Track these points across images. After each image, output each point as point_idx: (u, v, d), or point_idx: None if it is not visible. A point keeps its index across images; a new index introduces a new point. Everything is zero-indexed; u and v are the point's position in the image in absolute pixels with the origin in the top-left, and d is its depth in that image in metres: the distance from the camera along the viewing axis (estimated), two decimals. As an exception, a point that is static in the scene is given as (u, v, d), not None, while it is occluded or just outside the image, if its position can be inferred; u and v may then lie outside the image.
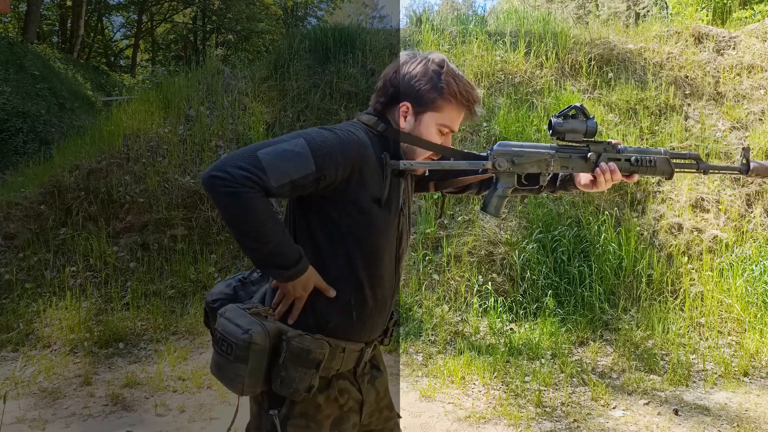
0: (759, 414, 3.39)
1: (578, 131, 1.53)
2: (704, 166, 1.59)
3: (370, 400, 1.54)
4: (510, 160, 1.51)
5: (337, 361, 1.42)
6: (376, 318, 1.48)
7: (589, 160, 1.54)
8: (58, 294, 4.78)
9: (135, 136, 6.12)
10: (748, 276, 4.61)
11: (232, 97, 6.74)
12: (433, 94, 1.45)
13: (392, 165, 1.38)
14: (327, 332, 1.40)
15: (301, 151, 1.30)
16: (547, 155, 1.53)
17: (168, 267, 5.15)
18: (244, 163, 1.27)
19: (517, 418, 3.26)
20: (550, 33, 7.17)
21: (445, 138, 1.50)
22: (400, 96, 1.47)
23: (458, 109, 1.47)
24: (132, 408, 3.41)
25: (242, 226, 1.30)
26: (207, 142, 6.08)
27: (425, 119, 1.46)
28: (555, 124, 1.52)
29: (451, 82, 1.45)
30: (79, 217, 5.46)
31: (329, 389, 1.43)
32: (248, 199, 1.26)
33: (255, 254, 1.35)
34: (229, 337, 1.33)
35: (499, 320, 4.44)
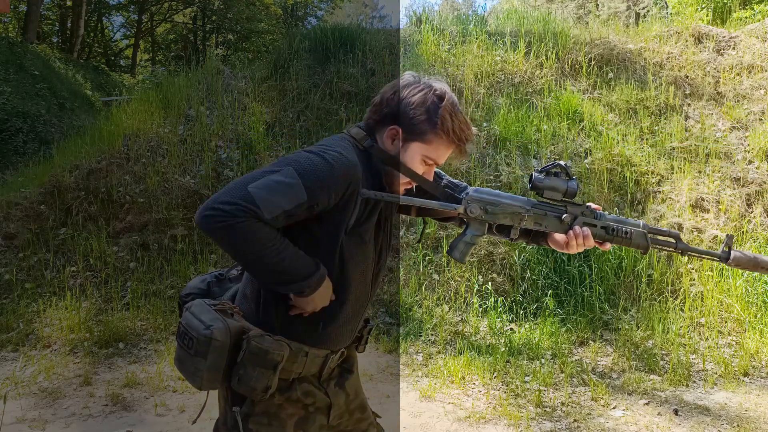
0: (759, 414, 3.39)
1: (558, 190, 1.50)
2: (683, 246, 1.54)
3: (338, 402, 1.54)
4: (483, 208, 1.48)
5: (298, 364, 1.42)
6: (343, 329, 1.48)
7: (564, 222, 1.51)
8: (58, 294, 4.78)
9: (135, 136, 6.12)
10: (748, 276, 4.61)
11: (232, 97, 6.74)
12: (426, 126, 1.42)
13: (363, 194, 1.35)
14: (290, 336, 1.40)
15: (292, 182, 1.28)
16: (521, 209, 1.50)
17: (168, 267, 5.15)
18: (235, 198, 1.25)
19: (517, 418, 3.26)
20: (550, 33, 7.17)
21: (428, 169, 1.47)
22: (393, 119, 1.44)
23: (448, 145, 1.45)
24: (132, 408, 3.41)
25: (247, 255, 1.29)
26: (207, 142, 6.08)
27: (412, 148, 1.43)
28: (535, 179, 1.50)
29: (447, 119, 1.42)
30: (79, 217, 5.46)
31: (290, 391, 1.43)
32: (244, 228, 1.25)
33: (272, 276, 1.34)
34: (191, 331, 1.33)
35: (499, 320, 4.44)
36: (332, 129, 6.27)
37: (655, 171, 5.66)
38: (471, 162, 5.62)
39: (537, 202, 1.53)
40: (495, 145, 5.89)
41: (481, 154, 5.78)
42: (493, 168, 5.64)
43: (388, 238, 1.55)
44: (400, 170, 1.45)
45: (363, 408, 1.63)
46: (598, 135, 5.98)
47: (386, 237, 1.53)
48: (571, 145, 5.85)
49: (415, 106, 1.42)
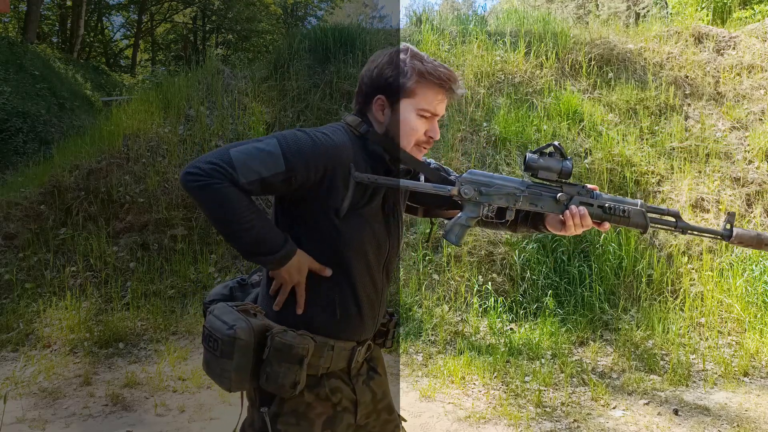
0: (759, 414, 3.39)
1: (553, 170, 1.48)
2: (683, 225, 1.52)
3: (365, 400, 1.53)
4: (477, 189, 1.47)
5: (325, 359, 1.41)
6: (363, 317, 1.47)
7: (560, 202, 1.49)
8: (58, 294, 4.78)
9: (135, 136, 6.12)
10: (748, 276, 4.61)
11: (232, 97, 6.74)
12: (401, 80, 1.43)
13: (356, 177, 1.36)
14: (312, 330, 1.40)
15: (272, 150, 1.32)
16: (516, 190, 1.49)
17: (168, 267, 5.15)
18: (215, 158, 1.29)
19: (517, 418, 3.26)
20: (550, 33, 7.17)
21: (430, 122, 1.46)
22: (373, 90, 1.46)
23: (432, 89, 1.44)
24: (132, 408, 3.41)
25: (220, 217, 1.31)
26: (207, 142, 6.08)
27: (401, 108, 1.44)
28: (529, 159, 1.49)
29: (417, 64, 1.43)
30: (79, 217, 5.46)
31: (319, 387, 1.42)
32: (218, 189, 1.28)
33: (239, 243, 1.35)
34: (215, 333, 1.34)
35: (499, 320, 4.44)
36: (332, 129, 6.27)
37: (655, 171, 5.66)
38: (471, 162, 5.62)
39: (532, 182, 1.52)
40: (495, 145, 5.89)
41: (481, 154, 5.78)
42: (493, 168, 5.64)
43: (399, 225, 1.54)
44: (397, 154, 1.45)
45: (390, 409, 1.62)
46: (598, 135, 5.98)
47: (397, 224, 1.52)
48: (571, 145, 5.85)
49: (384, 68, 1.45)
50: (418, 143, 1.47)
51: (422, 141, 1.47)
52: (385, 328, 1.61)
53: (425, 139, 1.47)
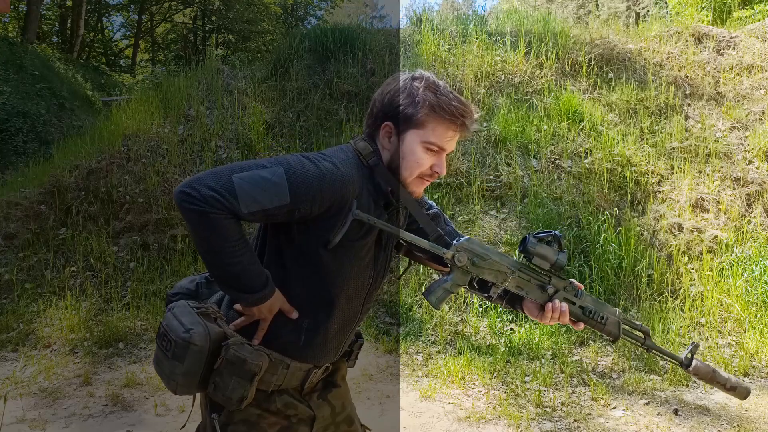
0: (759, 414, 3.39)
1: (548, 260, 1.47)
2: (649, 344, 1.56)
3: (323, 414, 1.51)
4: (471, 259, 1.44)
5: (278, 376, 1.38)
6: (328, 345, 1.44)
7: (546, 292, 1.48)
8: (58, 294, 4.78)
9: (135, 136, 6.12)
10: (748, 276, 4.61)
11: (232, 97, 6.74)
12: (411, 109, 1.38)
13: (356, 215, 1.31)
14: (272, 346, 1.37)
15: (278, 182, 1.26)
16: (507, 269, 1.47)
17: (168, 267, 5.15)
18: (216, 184, 1.23)
19: (517, 418, 3.26)
20: (550, 33, 7.17)
21: (437, 157, 1.41)
22: (383, 116, 1.42)
23: (443, 124, 1.39)
24: (132, 408, 3.41)
25: (208, 245, 1.27)
26: (207, 142, 6.08)
27: (408, 138, 1.39)
28: (529, 243, 1.47)
29: (430, 96, 1.38)
30: (79, 217, 5.46)
31: (268, 403, 1.40)
32: (215, 220, 1.23)
33: (219, 274, 1.31)
34: (170, 333, 1.31)
35: (499, 320, 4.44)
36: (332, 129, 6.27)
37: (655, 171, 5.66)
38: (471, 162, 5.62)
39: (523, 265, 1.49)
40: (495, 145, 5.89)
41: (481, 154, 5.78)
42: (493, 168, 5.64)
43: (388, 259, 1.51)
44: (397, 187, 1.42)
45: (350, 421, 1.60)
46: (598, 135, 5.98)
47: (386, 258, 1.49)
48: (571, 145, 5.85)
49: (397, 94, 1.40)
50: (421, 176, 1.42)
51: (426, 174, 1.42)
52: (349, 349, 1.58)
53: (429, 173, 1.43)
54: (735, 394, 1.56)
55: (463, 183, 5.49)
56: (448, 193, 5.43)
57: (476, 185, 5.41)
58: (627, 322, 1.54)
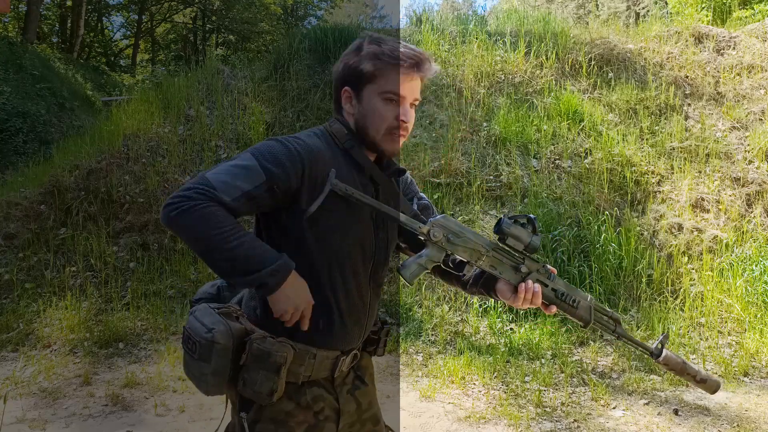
0: (759, 414, 3.39)
1: (521, 241, 1.46)
2: (620, 331, 1.56)
3: (349, 410, 1.50)
4: (446, 236, 1.43)
5: (306, 367, 1.38)
6: (347, 327, 1.43)
7: (519, 273, 1.48)
8: (58, 294, 4.78)
9: (135, 136, 6.12)
10: (748, 276, 4.61)
11: (232, 97, 6.74)
12: (360, 66, 1.39)
13: (333, 184, 1.31)
14: (295, 337, 1.37)
15: (248, 164, 1.28)
16: (482, 248, 1.46)
17: (168, 267, 5.15)
18: (192, 184, 1.26)
19: (517, 418, 3.26)
20: (550, 33, 7.17)
21: (401, 106, 1.40)
22: (339, 83, 1.43)
23: (393, 70, 1.38)
24: (132, 408, 3.41)
25: (203, 240, 1.25)
26: (207, 142, 6.08)
27: (365, 96, 1.40)
28: (504, 223, 1.46)
29: (374, 47, 1.39)
30: (79, 217, 5.46)
31: (299, 395, 1.39)
32: (201, 209, 1.23)
33: (227, 265, 1.27)
34: (194, 335, 1.32)
35: (499, 320, 4.44)
36: (332, 129, 6.27)
37: (655, 171, 5.66)
38: (471, 162, 5.62)
39: (498, 246, 1.49)
40: (495, 145, 5.89)
41: (481, 154, 5.78)
42: (493, 168, 5.64)
43: (388, 237, 1.50)
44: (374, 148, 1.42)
45: (375, 420, 1.58)
46: (598, 135, 5.98)
47: (386, 236, 1.49)
48: (571, 145, 5.85)
49: (348, 57, 1.42)
50: (390, 131, 1.41)
51: (393, 127, 1.40)
52: (376, 336, 1.57)
53: (396, 125, 1.40)
54: (704, 387, 1.56)
55: (463, 183, 5.49)
56: (448, 193, 5.43)
57: (476, 185, 5.41)
58: (599, 308, 1.55)
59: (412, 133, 1.55)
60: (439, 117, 6.23)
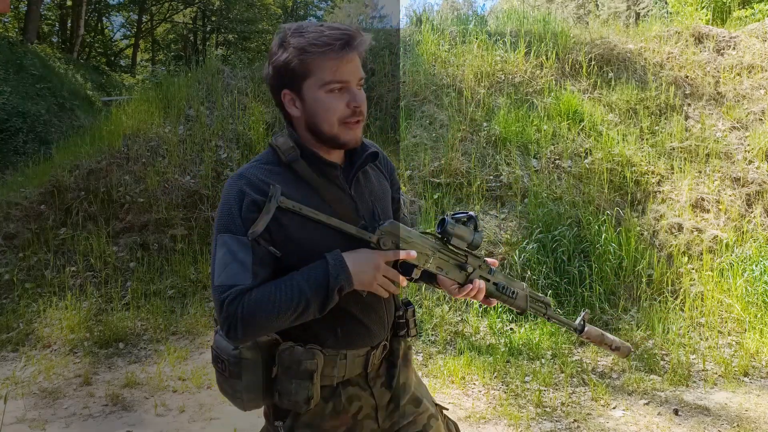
0: (759, 414, 3.39)
1: (464, 239, 1.45)
2: (550, 313, 1.65)
3: (385, 403, 1.50)
4: (394, 242, 1.39)
5: (339, 368, 1.38)
6: (368, 326, 1.43)
7: (464, 271, 1.49)
8: (58, 294, 4.78)
9: (135, 136, 6.13)
10: (748, 276, 4.61)
11: (232, 97, 6.74)
12: (291, 63, 1.27)
13: (280, 202, 1.26)
14: (321, 344, 1.37)
15: (228, 242, 1.25)
16: (429, 251, 1.44)
17: (168, 267, 5.15)
18: (219, 306, 1.25)
19: (517, 418, 3.26)
20: (550, 33, 7.17)
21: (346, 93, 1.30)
22: (276, 88, 1.34)
23: (326, 57, 1.26)
24: (132, 408, 3.41)
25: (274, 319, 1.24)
26: (207, 142, 6.08)
27: (306, 93, 1.29)
28: (448, 224, 1.44)
29: (298, 40, 1.27)
30: (79, 217, 5.46)
31: (335, 398, 1.39)
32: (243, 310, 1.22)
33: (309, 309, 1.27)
34: (221, 353, 1.33)
35: (499, 320, 4.44)
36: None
37: (655, 171, 5.66)
38: (471, 162, 5.62)
39: (443, 246, 1.48)
40: (495, 145, 5.89)
41: (481, 154, 5.78)
42: (493, 168, 5.64)
43: None
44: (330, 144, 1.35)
45: (417, 401, 1.56)
46: (598, 135, 5.98)
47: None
48: (571, 145, 5.85)
49: (274, 58, 1.31)
50: (342, 121, 1.31)
51: (346, 115, 1.31)
52: (402, 320, 1.55)
53: (349, 112, 1.31)
54: (618, 353, 1.74)
55: (463, 183, 5.49)
56: (448, 193, 5.43)
57: (476, 185, 5.41)
58: (533, 295, 1.63)
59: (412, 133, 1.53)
60: (439, 117, 6.23)
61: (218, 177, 5.80)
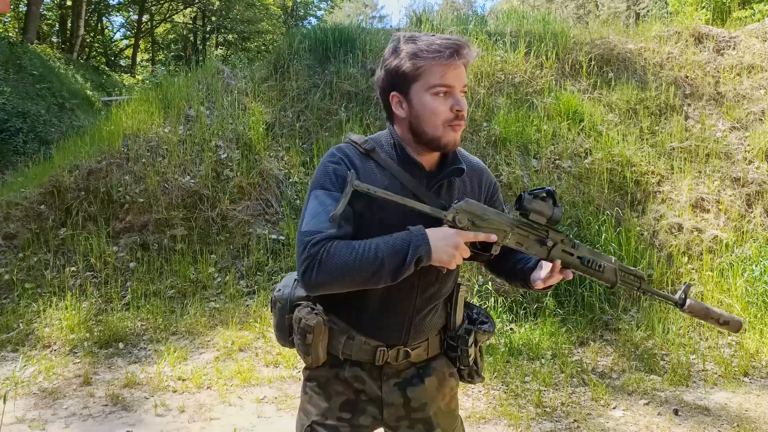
0: (759, 414, 3.39)
1: (544, 214, 1.46)
2: (645, 287, 1.59)
3: (393, 402, 1.50)
4: (471, 220, 1.42)
5: (345, 345, 1.47)
6: (380, 321, 1.46)
7: (545, 246, 1.49)
8: (58, 294, 4.78)
9: (135, 136, 6.12)
10: (748, 276, 4.61)
11: (232, 97, 6.74)
12: (402, 67, 1.39)
13: (356, 185, 1.34)
14: (341, 317, 1.47)
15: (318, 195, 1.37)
16: (507, 227, 1.46)
17: (168, 267, 5.15)
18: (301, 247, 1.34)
19: (517, 418, 3.26)
20: (550, 33, 7.17)
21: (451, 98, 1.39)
22: (385, 90, 1.45)
23: (435, 63, 1.37)
24: (132, 408, 3.41)
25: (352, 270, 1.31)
26: (207, 142, 6.07)
27: (414, 96, 1.40)
28: (525, 200, 1.45)
29: (410, 46, 1.39)
30: (79, 217, 5.46)
31: (339, 368, 1.49)
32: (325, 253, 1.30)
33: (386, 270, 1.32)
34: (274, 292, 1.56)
35: (499, 320, 4.44)
36: (332, 129, 6.27)
37: (655, 171, 5.66)
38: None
39: (522, 222, 1.49)
40: (495, 145, 5.89)
41: (481, 154, 5.78)
42: (493, 168, 5.64)
43: None
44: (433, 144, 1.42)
45: (430, 426, 1.54)
46: (598, 135, 5.98)
47: None
48: (571, 145, 5.85)
49: (387, 62, 1.44)
50: (446, 123, 1.40)
51: (450, 118, 1.40)
52: (454, 343, 1.56)
53: (453, 116, 1.40)
54: (728, 327, 1.64)
55: (463, 183, 5.48)
56: (448, 193, 5.43)
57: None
58: (624, 268, 1.58)
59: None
60: (439, 117, 6.23)
61: (218, 177, 5.80)
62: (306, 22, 24.92)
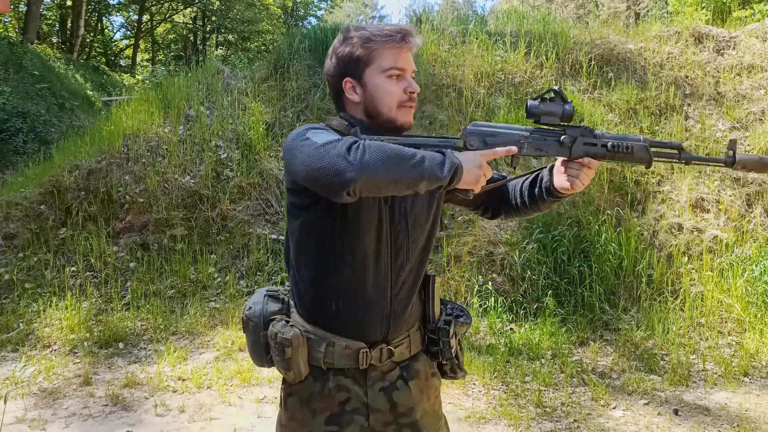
0: (759, 414, 3.39)
1: (555, 114, 1.45)
2: (686, 156, 1.47)
3: (380, 408, 1.46)
4: (483, 140, 1.43)
5: (326, 354, 1.41)
6: (365, 314, 1.41)
7: (564, 145, 1.46)
8: (58, 294, 4.78)
9: (135, 136, 6.12)
10: (748, 276, 4.61)
11: (232, 97, 6.74)
12: (355, 53, 1.42)
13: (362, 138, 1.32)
14: (315, 322, 1.43)
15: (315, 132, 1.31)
16: (521, 137, 1.45)
17: (168, 267, 5.15)
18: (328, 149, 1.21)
19: (517, 418, 3.26)
20: (550, 33, 7.17)
21: (403, 80, 1.42)
22: (337, 78, 1.45)
23: (387, 47, 1.41)
24: (132, 408, 3.41)
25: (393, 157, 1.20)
26: (207, 142, 6.07)
27: (367, 79, 1.42)
28: (531, 106, 1.45)
29: (362, 32, 1.43)
30: (79, 217, 5.46)
31: (323, 381, 1.42)
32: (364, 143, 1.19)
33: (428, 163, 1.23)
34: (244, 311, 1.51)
35: (499, 320, 4.44)
36: (332, 129, 6.26)
37: (655, 171, 5.66)
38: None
39: (535, 129, 1.48)
40: (495, 145, 5.88)
41: (481, 154, 5.78)
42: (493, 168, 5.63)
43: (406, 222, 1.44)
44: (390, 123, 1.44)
45: (417, 430, 1.49)
46: (598, 135, 5.97)
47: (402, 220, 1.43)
48: (571, 145, 5.85)
49: (338, 50, 1.45)
50: (400, 104, 1.43)
51: (404, 100, 1.43)
52: (435, 336, 1.52)
53: (406, 97, 1.43)
54: None
55: (463, 183, 5.48)
56: (448, 193, 5.43)
57: (476, 185, 5.40)
58: (655, 143, 1.49)
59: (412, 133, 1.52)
60: (439, 117, 6.23)
61: (218, 177, 5.80)
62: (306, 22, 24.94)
